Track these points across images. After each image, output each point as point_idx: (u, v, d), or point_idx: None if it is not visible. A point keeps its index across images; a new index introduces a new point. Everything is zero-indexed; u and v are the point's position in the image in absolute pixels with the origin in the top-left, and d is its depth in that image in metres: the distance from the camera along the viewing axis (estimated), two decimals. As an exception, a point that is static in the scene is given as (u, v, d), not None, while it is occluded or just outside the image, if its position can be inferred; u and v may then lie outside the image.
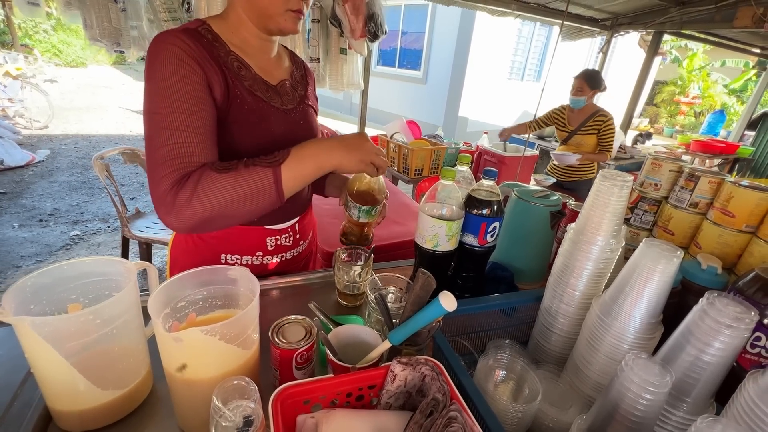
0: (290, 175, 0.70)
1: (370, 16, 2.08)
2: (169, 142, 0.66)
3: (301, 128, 0.89)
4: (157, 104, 0.68)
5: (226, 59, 0.77)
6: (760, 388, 0.42)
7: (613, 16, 4.12)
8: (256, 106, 0.79)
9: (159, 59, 0.68)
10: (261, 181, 0.67)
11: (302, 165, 0.71)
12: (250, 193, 0.67)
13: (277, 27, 0.78)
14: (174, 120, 0.67)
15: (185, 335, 0.46)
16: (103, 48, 1.84)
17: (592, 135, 2.64)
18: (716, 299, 0.48)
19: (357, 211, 0.89)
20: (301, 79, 0.95)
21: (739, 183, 0.70)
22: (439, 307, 0.51)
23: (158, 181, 0.66)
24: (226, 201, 0.66)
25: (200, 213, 0.65)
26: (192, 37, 0.72)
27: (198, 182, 0.65)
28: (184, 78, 0.68)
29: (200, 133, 0.69)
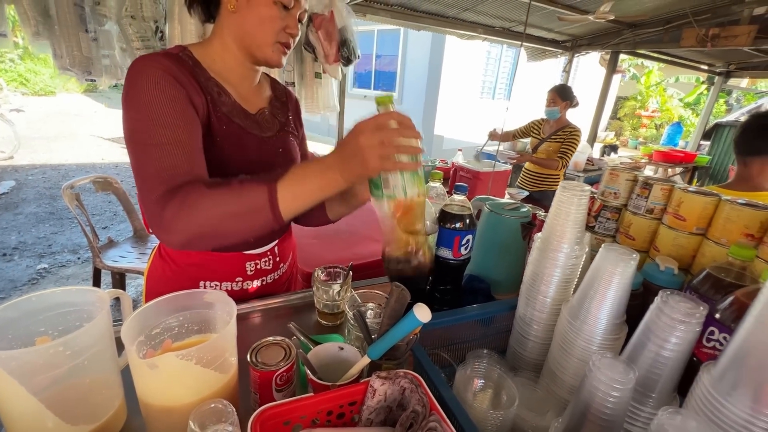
0: (289, 195, 0.62)
1: (343, 41, 2.15)
2: (155, 157, 0.66)
3: (280, 156, 0.89)
4: (140, 122, 0.67)
5: (207, 84, 0.77)
6: (713, 378, 0.45)
7: (572, 38, 4.40)
8: (234, 133, 0.80)
9: (141, 80, 0.68)
10: (255, 198, 0.62)
11: (302, 185, 0.63)
12: (242, 211, 0.62)
13: (264, 58, 0.80)
14: (158, 135, 0.66)
15: (160, 361, 0.46)
16: (74, 77, 1.82)
17: (557, 143, 2.85)
18: (669, 297, 0.52)
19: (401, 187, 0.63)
20: (282, 107, 0.95)
21: (687, 189, 0.76)
22: (414, 319, 0.52)
23: (146, 195, 0.65)
24: (215, 217, 0.62)
25: (188, 228, 0.62)
26: (173, 60, 0.73)
27: (186, 196, 0.62)
28: (168, 96, 0.68)
29: (186, 147, 0.68)
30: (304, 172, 0.63)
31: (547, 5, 3.22)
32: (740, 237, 0.68)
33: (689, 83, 10.70)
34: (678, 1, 3.08)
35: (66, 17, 1.67)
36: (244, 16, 0.76)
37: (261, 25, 0.76)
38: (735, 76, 5.40)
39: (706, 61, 5.09)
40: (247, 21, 0.76)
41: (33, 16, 1.64)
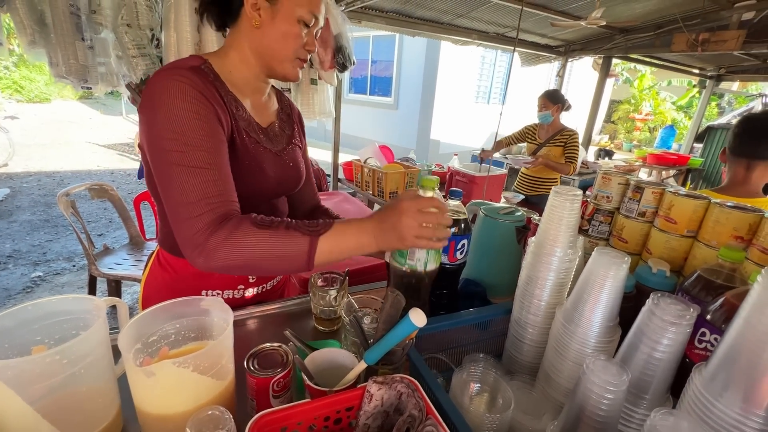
0: (326, 248, 0.67)
1: (338, 48, 2.17)
2: (198, 180, 0.65)
3: (291, 169, 0.90)
4: (175, 143, 0.65)
5: (227, 98, 0.77)
6: (704, 379, 0.46)
7: (565, 43, 4.45)
8: (252, 148, 0.80)
9: (168, 95, 0.66)
10: (297, 246, 0.66)
11: (343, 241, 0.68)
12: (282, 255, 0.66)
13: (282, 72, 0.81)
14: (197, 158, 0.66)
15: (158, 368, 0.46)
16: (70, 85, 1.82)
17: (558, 147, 2.87)
18: (660, 300, 0.53)
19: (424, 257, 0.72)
20: (288, 119, 0.96)
21: (678, 192, 0.77)
22: (409, 324, 0.53)
23: (191, 220, 0.64)
24: (257, 256, 0.65)
25: (230, 259, 0.64)
26: (197, 73, 0.71)
27: (235, 230, 0.64)
28: (199, 115, 0.67)
29: (223, 172, 0.69)
30: (344, 231, 0.68)
31: (540, 11, 3.27)
32: (729, 239, 0.69)
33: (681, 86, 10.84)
34: (668, 7, 3.14)
35: (62, 26, 1.67)
36: (266, 32, 0.76)
37: (284, 41, 0.77)
38: (726, 79, 5.48)
39: (697, 65, 5.16)
40: (270, 37, 0.77)
41: (29, 24, 1.65)
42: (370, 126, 8.53)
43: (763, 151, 1.21)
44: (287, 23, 0.75)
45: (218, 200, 0.66)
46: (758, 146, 1.21)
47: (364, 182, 3.00)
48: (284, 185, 0.90)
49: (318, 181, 3.35)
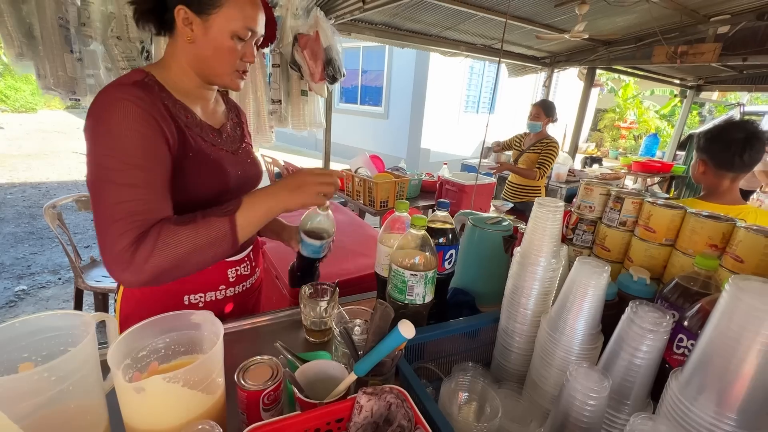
0: (244, 222, 0.73)
1: (328, 60, 2.20)
2: (126, 198, 0.66)
3: (250, 166, 0.93)
4: (113, 160, 0.67)
5: (174, 109, 0.77)
6: (680, 384, 0.48)
7: (551, 54, 4.56)
8: (209, 152, 0.82)
9: (111, 115, 0.67)
10: (218, 229, 0.70)
11: (254, 211, 0.74)
12: (210, 242, 0.70)
13: (222, 84, 0.82)
14: (130, 176, 0.67)
15: (147, 384, 0.46)
16: (58, 96, 1.81)
17: (535, 154, 2.96)
18: (639, 308, 0.55)
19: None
20: (237, 120, 0.99)
21: (656, 202, 0.80)
22: (398, 336, 0.54)
23: (114, 238, 0.65)
24: (187, 251, 0.68)
25: (161, 265, 0.67)
26: (142, 88, 0.72)
27: (158, 236, 0.66)
28: (141, 134, 0.68)
29: (157, 190, 0.70)
30: (253, 202, 0.75)
31: (526, 24, 3.36)
32: (705, 247, 0.72)
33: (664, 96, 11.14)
34: (647, 21, 3.25)
35: (51, 38, 1.67)
36: (200, 46, 0.76)
37: (219, 56, 0.77)
38: (705, 89, 5.66)
39: (677, 76, 5.33)
40: (204, 52, 0.77)
41: (17, 37, 1.64)
42: (360, 135, 8.59)
43: (755, 163, 1.27)
44: (220, 38, 0.76)
45: (144, 217, 0.67)
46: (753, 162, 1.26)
47: (354, 191, 3.02)
48: (247, 182, 0.92)
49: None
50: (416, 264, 0.73)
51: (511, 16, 3.22)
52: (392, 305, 0.79)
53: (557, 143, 2.94)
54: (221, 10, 0.74)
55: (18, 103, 10.96)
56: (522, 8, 3.14)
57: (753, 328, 0.41)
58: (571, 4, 2.82)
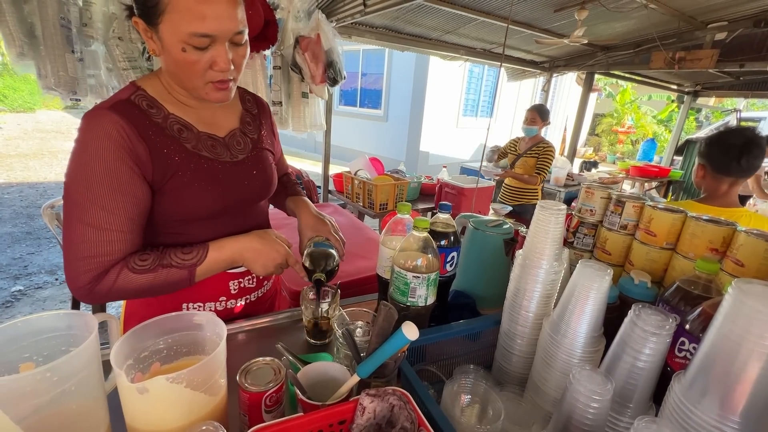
0: (203, 271, 0.78)
1: (330, 63, 2.21)
2: (90, 239, 0.68)
3: (255, 178, 0.88)
4: (81, 194, 0.68)
5: (165, 124, 0.75)
6: (683, 387, 0.48)
7: (550, 59, 4.59)
8: (203, 168, 0.79)
9: (86, 146, 0.68)
10: (176, 278, 0.75)
11: (215, 265, 0.80)
12: (164, 286, 0.75)
13: (203, 98, 0.75)
14: (95, 216, 0.68)
15: (151, 385, 0.46)
16: (58, 97, 1.81)
17: (532, 158, 3.01)
18: (641, 311, 0.55)
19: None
20: (254, 120, 0.92)
21: (657, 206, 0.81)
22: (402, 337, 0.54)
23: (76, 275, 0.69)
24: (142, 291, 0.74)
25: (119, 299, 0.74)
26: (123, 113, 0.70)
27: (115, 281, 0.70)
28: (110, 171, 0.68)
29: (123, 230, 0.71)
30: (217, 258, 0.80)
31: (526, 29, 3.38)
32: (705, 251, 0.73)
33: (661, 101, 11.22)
34: (646, 27, 3.28)
35: (52, 38, 1.67)
36: (165, 60, 0.72)
37: (180, 69, 0.70)
38: (702, 95, 5.70)
39: (675, 81, 5.38)
40: (169, 65, 0.72)
41: (18, 36, 1.64)
42: (360, 138, 8.60)
43: (754, 169, 1.28)
44: (174, 51, 0.67)
45: (105, 259, 0.70)
46: (751, 168, 1.28)
47: (354, 194, 3.02)
48: (248, 195, 0.88)
49: (309, 193, 3.36)
50: (419, 266, 0.73)
51: (511, 20, 3.24)
52: (394, 307, 0.79)
53: (553, 146, 3.00)
54: (164, 17, 0.65)
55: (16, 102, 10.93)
56: (522, 13, 3.17)
57: (756, 331, 0.41)
58: (570, 10, 2.85)
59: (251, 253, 0.83)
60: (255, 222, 0.94)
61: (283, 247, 0.86)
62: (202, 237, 0.82)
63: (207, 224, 0.84)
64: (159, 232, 0.81)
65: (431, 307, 0.78)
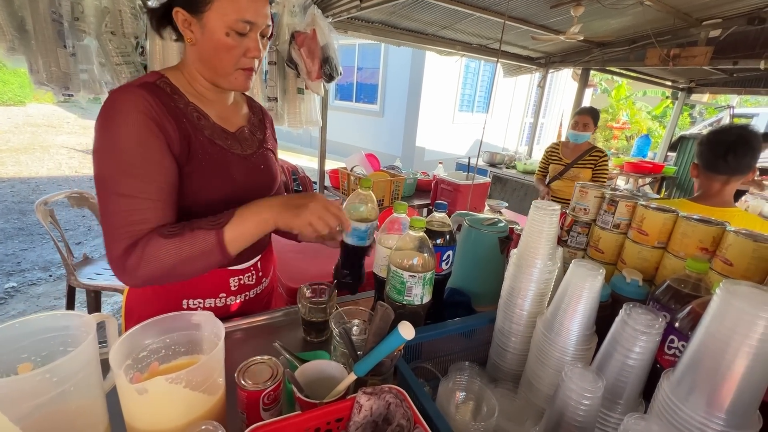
0: (233, 236, 0.73)
1: (325, 59, 2.20)
2: (124, 208, 0.69)
3: (262, 173, 0.91)
4: (112, 167, 0.70)
5: (186, 110, 0.79)
6: (671, 384, 0.50)
7: (546, 55, 4.59)
8: (217, 155, 0.82)
9: (116, 119, 0.70)
10: (204, 243, 0.71)
11: (244, 225, 0.74)
12: (195, 255, 0.71)
13: (229, 85, 0.81)
14: (128, 186, 0.69)
15: (150, 385, 0.47)
16: (51, 92, 1.79)
17: (587, 169, 2.72)
18: (632, 310, 0.56)
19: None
20: (260, 124, 0.98)
21: (649, 206, 0.82)
22: (398, 337, 0.55)
23: (111, 245, 0.70)
24: (172, 264, 0.71)
25: (150, 274, 0.71)
26: (151, 92, 0.74)
27: (145, 248, 0.69)
28: (141, 142, 0.70)
29: (154, 198, 0.71)
30: (244, 216, 0.74)
31: (522, 25, 3.37)
32: (696, 251, 0.74)
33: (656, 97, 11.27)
34: (641, 24, 3.29)
35: (43, 33, 1.65)
36: (201, 47, 0.77)
37: (218, 55, 0.76)
38: (696, 91, 5.74)
39: (669, 78, 5.40)
40: (205, 52, 0.77)
41: (9, 30, 1.62)
42: (356, 133, 8.57)
43: (743, 168, 1.27)
44: (216, 35, 0.74)
45: (137, 228, 0.70)
46: (739, 165, 1.27)
47: (350, 190, 3.02)
48: (256, 189, 0.91)
49: (305, 188, 3.36)
50: (415, 265, 0.74)
51: (507, 16, 3.24)
52: (390, 305, 0.80)
53: (608, 155, 2.70)
54: (213, 5, 0.73)
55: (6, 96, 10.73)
56: (518, 9, 3.16)
57: (742, 330, 0.42)
58: (566, 6, 2.85)
59: (285, 206, 0.75)
60: None
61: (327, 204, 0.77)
62: None
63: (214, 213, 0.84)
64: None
65: (427, 305, 0.79)
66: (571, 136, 2.77)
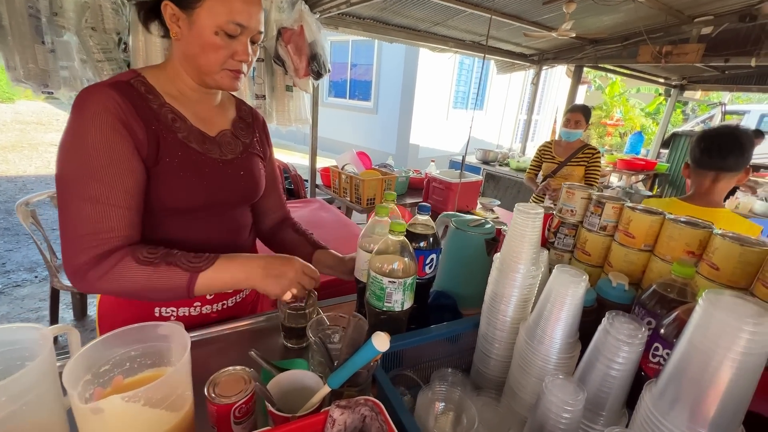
0: (205, 283, 0.72)
1: (313, 56, 2.16)
2: (89, 214, 0.66)
3: (241, 179, 0.88)
4: (77, 169, 0.66)
5: (159, 111, 0.76)
6: (653, 397, 0.48)
7: (539, 52, 4.58)
8: (191, 159, 0.79)
9: (84, 119, 0.67)
10: (175, 281, 0.70)
11: (221, 278, 0.73)
12: (162, 288, 0.70)
13: (214, 83, 0.78)
14: (95, 190, 0.66)
15: (105, 404, 0.44)
16: (29, 89, 1.74)
17: (580, 167, 2.70)
18: (615, 319, 0.54)
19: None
20: (247, 128, 0.94)
21: (636, 208, 0.80)
22: (372, 349, 0.53)
23: (76, 253, 0.67)
24: (136, 288, 0.69)
25: (110, 289, 0.69)
26: (121, 91, 0.71)
27: (114, 266, 0.67)
28: (109, 144, 0.67)
29: (122, 205, 0.69)
30: (225, 268, 0.74)
31: (514, 22, 3.35)
32: (682, 254, 0.72)
33: (649, 93, 11.31)
34: (633, 21, 3.27)
35: (20, 28, 1.59)
36: (187, 43, 0.74)
37: (204, 53, 0.74)
38: (689, 88, 5.76)
39: (662, 75, 5.41)
40: (191, 49, 0.75)
41: (-17, 26, 1.57)
42: (350, 130, 8.52)
43: (730, 164, 1.27)
44: (204, 34, 0.72)
45: (106, 236, 0.68)
46: (725, 160, 1.27)
47: (341, 189, 2.99)
48: (234, 195, 0.88)
49: (296, 187, 3.32)
50: (395, 270, 0.72)
51: (499, 13, 3.21)
52: (371, 312, 0.77)
53: (600, 152, 2.68)
54: (204, 3, 0.71)
55: (-6, 93, 10.54)
56: (510, 5, 3.13)
57: (724, 343, 0.40)
58: (558, 2, 2.82)
59: (264, 270, 0.75)
60: (236, 224, 0.93)
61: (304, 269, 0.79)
62: (180, 233, 0.82)
63: (187, 219, 0.82)
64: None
65: (408, 311, 0.77)
66: (563, 134, 2.75)
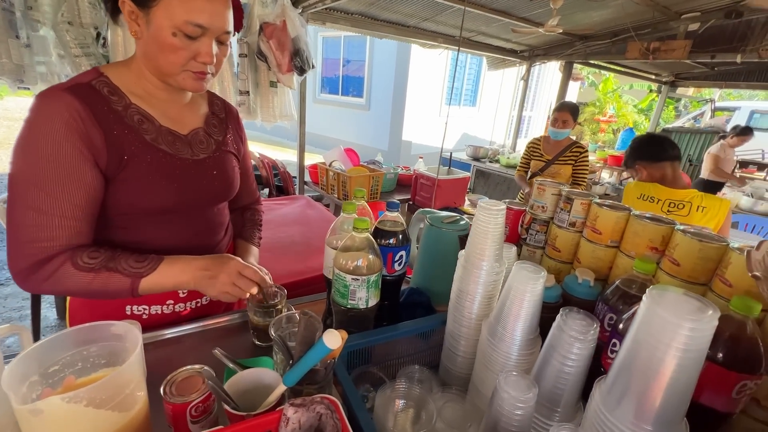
0: (148, 287, 0.73)
1: (296, 51, 2.13)
2: (30, 223, 0.65)
3: (214, 178, 0.86)
4: (26, 177, 0.66)
5: (125, 114, 0.74)
6: (602, 393, 0.48)
7: (529, 48, 4.57)
8: (160, 161, 0.77)
9: (38, 127, 0.65)
10: (117, 285, 0.71)
11: (163, 282, 0.74)
12: (104, 292, 0.71)
13: (177, 84, 0.75)
14: (38, 200, 0.65)
15: (44, 405, 0.43)
16: (4, 85, 1.71)
17: (568, 165, 2.68)
18: (567, 315, 0.54)
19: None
20: (220, 124, 0.92)
21: (603, 204, 0.80)
22: (323, 347, 0.52)
23: (17, 258, 0.67)
24: (78, 291, 0.70)
25: (54, 292, 0.72)
26: (80, 96, 0.69)
27: (55, 272, 0.67)
28: (60, 156, 0.66)
29: (68, 216, 0.68)
30: (166, 273, 0.74)
31: (503, 17, 3.34)
32: (646, 250, 0.73)
33: (642, 90, 11.36)
34: (621, 17, 3.28)
35: (-8, 22, 1.56)
36: (146, 43, 0.72)
37: (162, 54, 0.71)
38: (679, 85, 5.79)
39: (652, 71, 5.43)
40: (149, 49, 0.72)
41: (-46, 20, 1.53)
42: (342, 127, 8.48)
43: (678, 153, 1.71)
44: (161, 34, 0.69)
45: (44, 245, 0.67)
46: (675, 150, 1.70)
47: (329, 185, 2.98)
48: (206, 195, 0.86)
49: (285, 184, 3.30)
50: (359, 267, 0.71)
51: (488, 8, 3.20)
52: (336, 309, 0.77)
53: (588, 150, 2.66)
54: (161, 2, 0.68)
55: (-19, 88, 10.37)
56: (499, 1, 3.12)
57: (665, 340, 0.40)
58: (546, -2, 2.81)
59: (202, 272, 0.75)
60: (210, 224, 0.92)
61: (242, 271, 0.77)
62: (153, 234, 0.81)
63: (159, 220, 0.81)
64: (108, 225, 0.78)
65: (374, 308, 0.76)
66: (551, 133, 2.73)
